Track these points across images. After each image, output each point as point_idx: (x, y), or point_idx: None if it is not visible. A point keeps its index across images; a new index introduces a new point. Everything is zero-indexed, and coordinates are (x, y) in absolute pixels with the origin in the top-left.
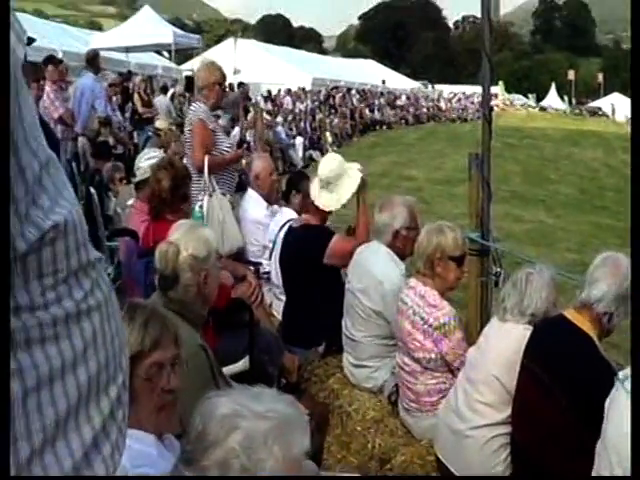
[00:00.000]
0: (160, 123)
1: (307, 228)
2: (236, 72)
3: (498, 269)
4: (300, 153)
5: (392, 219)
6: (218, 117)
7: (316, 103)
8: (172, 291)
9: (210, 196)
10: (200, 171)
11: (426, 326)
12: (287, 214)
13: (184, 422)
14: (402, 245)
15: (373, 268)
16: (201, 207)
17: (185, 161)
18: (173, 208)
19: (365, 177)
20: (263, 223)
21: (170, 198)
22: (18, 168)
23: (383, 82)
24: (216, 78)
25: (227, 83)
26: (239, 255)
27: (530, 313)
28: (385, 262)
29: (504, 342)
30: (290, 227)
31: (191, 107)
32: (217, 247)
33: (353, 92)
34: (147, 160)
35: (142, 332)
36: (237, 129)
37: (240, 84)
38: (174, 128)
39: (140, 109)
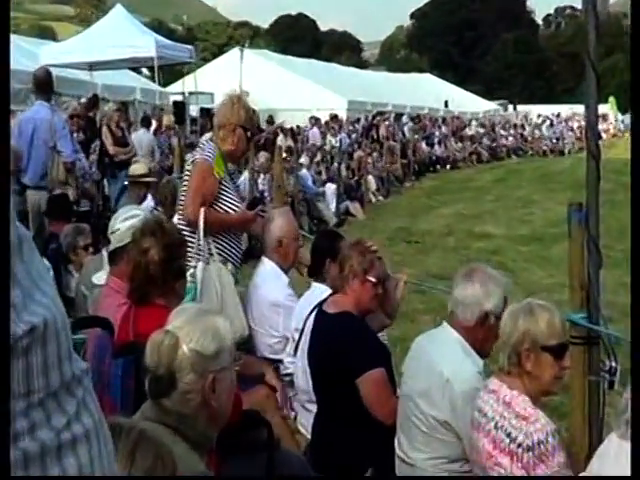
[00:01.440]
0: (138, 168)
1: (343, 318)
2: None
3: (613, 364)
4: (332, 205)
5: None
6: (230, 172)
7: (354, 136)
8: (167, 399)
9: (207, 263)
10: (192, 226)
11: (514, 446)
12: (319, 291)
13: None
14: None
15: (438, 362)
16: (192, 276)
17: (176, 218)
18: (165, 288)
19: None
20: (284, 305)
21: (161, 275)
22: None
23: (446, 104)
24: (238, 119)
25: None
26: (244, 346)
27: None
28: (455, 354)
29: (629, 471)
30: (320, 311)
31: (200, 143)
32: (233, 342)
33: (404, 119)
34: (126, 220)
35: (128, 465)
36: (245, 175)
37: None
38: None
39: (111, 149)
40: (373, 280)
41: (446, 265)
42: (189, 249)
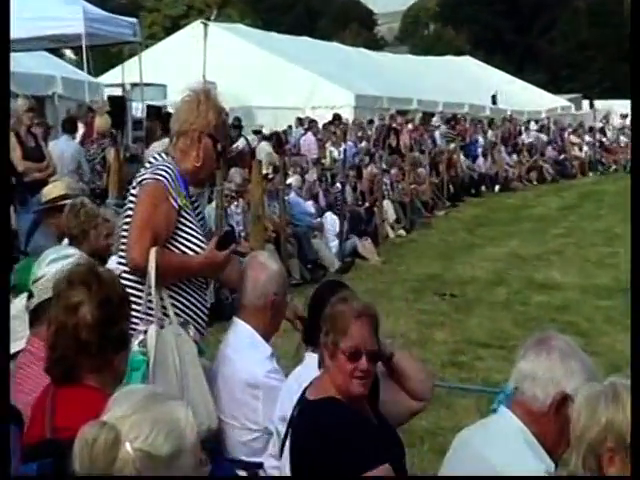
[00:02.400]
0: (53, 189)
1: (322, 406)
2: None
3: None
4: (334, 244)
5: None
6: (192, 199)
7: (363, 145)
8: None
9: (160, 326)
10: (139, 273)
11: None
12: (315, 365)
13: None
14: None
15: (490, 457)
16: (142, 344)
17: (110, 262)
18: (100, 363)
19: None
20: (266, 386)
21: (96, 343)
22: None
23: (493, 100)
24: (206, 124)
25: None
26: (210, 444)
27: None
28: (515, 447)
29: None
30: (302, 395)
31: (150, 156)
32: (197, 439)
33: (435, 122)
34: (53, 263)
35: None
36: (210, 207)
37: None
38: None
39: (20, 164)
40: (345, 353)
41: (495, 328)
42: (135, 307)
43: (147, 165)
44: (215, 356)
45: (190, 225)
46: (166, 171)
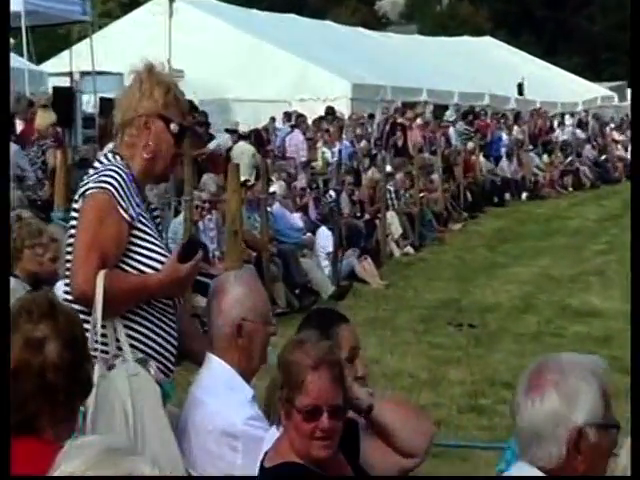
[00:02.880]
0: None
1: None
2: (173, 77)
3: None
4: (327, 263)
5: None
6: (151, 206)
7: (362, 145)
8: None
9: (110, 367)
10: (85, 302)
11: None
12: None
13: None
14: None
15: None
16: None
17: (56, 289)
18: (66, 410)
19: None
20: (245, 436)
21: (64, 387)
22: None
23: (520, 90)
24: (152, 104)
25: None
26: None
27: None
28: None
29: None
30: (261, 465)
31: (97, 160)
32: None
33: (449, 115)
34: None
35: None
36: (177, 221)
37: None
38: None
39: None
40: (301, 412)
41: (522, 365)
42: None
43: (91, 171)
44: (185, 400)
45: (147, 238)
46: (113, 177)
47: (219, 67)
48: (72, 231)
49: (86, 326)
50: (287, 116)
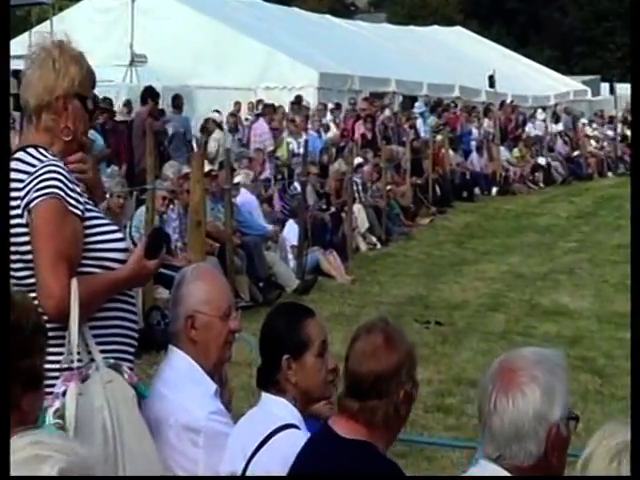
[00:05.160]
0: None
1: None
2: (135, 62)
3: None
4: (290, 259)
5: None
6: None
7: (329, 135)
8: None
9: (84, 379)
10: (61, 318)
11: None
12: (273, 408)
13: None
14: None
15: None
16: (57, 414)
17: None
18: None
19: None
20: (208, 431)
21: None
22: None
23: (491, 82)
24: (69, 82)
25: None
26: None
27: None
28: None
29: None
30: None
31: (20, 160)
32: None
33: (419, 107)
34: None
35: None
36: (140, 211)
37: (147, 91)
38: None
39: None
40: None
41: (490, 364)
42: (51, 365)
43: (22, 176)
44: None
45: (98, 223)
46: (55, 178)
47: (183, 53)
48: (24, 248)
49: (55, 343)
50: (252, 105)
